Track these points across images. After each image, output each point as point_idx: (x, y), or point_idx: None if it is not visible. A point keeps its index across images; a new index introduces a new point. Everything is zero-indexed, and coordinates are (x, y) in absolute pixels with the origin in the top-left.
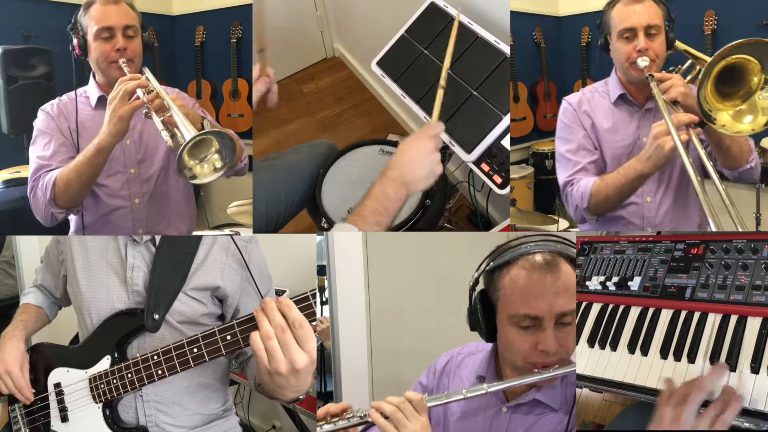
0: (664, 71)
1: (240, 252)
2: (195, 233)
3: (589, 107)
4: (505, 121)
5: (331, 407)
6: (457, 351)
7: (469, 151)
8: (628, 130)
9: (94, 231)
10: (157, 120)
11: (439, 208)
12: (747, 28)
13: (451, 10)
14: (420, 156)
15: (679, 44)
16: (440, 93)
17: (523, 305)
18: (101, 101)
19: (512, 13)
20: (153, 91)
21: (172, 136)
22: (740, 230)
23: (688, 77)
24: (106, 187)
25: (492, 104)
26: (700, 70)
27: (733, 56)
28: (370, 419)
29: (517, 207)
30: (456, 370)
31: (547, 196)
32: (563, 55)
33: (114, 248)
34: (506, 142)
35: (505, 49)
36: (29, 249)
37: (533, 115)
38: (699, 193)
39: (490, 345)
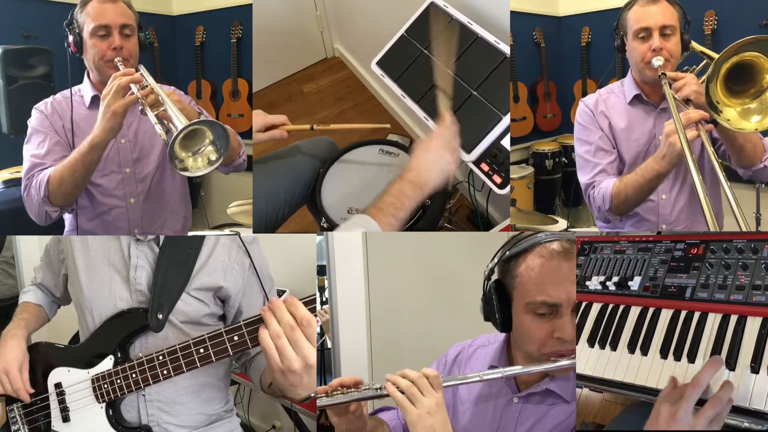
0: (678, 71)
1: (247, 250)
2: (194, 233)
3: (605, 107)
4: (505, 121)
5: (344, 379)
6: (468, 343)
7: (469, 151)
8: (644, 129)
9: (90, 230)
10: (151, 115)
11: (439, 208)
12: (747, 28)
13: (452, 10)
14: (433, 159)
15: (695, 45)
16: (440, 94)
17: (540, 292)
18: (95, 100)
19: (512, 13)
20: (147, 86)
21: (167, 131)
22: (743, 230)
23: (703, 77)
24: (100, 186)
25: (492, 104)
26: None
27: (744, 54)
28: (385, 392)
29: (517, 207)
30: (467, 362)
31: (547, 196)
32: (563, 55)
33: (116, 247)
34: (506, 142)
35: (505, 49)
36: (29, 249)
37: (533, 115)
38: (699, 192)
39: (502, 337)
